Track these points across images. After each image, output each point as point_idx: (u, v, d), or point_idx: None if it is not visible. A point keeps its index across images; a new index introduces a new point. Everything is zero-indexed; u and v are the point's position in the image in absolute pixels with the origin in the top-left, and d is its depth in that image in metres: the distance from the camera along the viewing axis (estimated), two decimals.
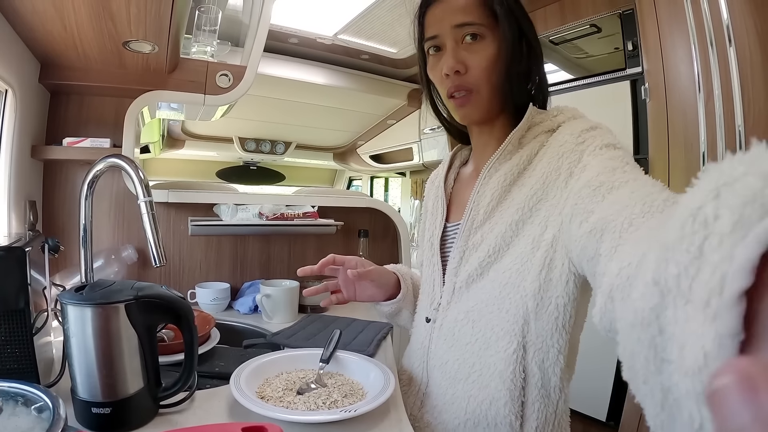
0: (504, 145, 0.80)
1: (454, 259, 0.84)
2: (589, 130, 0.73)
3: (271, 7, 1.61)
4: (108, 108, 1.52)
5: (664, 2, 1.56)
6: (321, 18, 2.51)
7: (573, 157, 0.71)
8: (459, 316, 0.81)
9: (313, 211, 1.76)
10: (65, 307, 0.70)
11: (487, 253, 0.78)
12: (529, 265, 0.72)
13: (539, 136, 0.80)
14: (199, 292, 1.51)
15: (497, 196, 0.79)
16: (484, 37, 0.80)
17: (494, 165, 0.81)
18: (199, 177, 4.41)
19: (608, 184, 0.59)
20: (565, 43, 2.15)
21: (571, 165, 0.71)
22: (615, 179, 0.59)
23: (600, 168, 0.63)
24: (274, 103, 3.42)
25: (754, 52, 1.29)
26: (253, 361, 0.92)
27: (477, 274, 0.80)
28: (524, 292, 0.72)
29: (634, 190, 0.55)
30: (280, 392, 0.83)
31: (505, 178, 0.79)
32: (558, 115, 0.81)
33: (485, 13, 0.80)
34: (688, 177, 1.51)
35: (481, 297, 0.79)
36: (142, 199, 0.94)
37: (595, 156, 0.67)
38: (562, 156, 0.73)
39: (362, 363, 0.95)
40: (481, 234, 0.80)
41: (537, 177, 0.75)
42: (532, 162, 0.79)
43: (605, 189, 0.59)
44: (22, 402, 0.62)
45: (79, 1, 1.01)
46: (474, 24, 0.80)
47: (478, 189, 0.82)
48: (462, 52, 0.81)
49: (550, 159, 0.75)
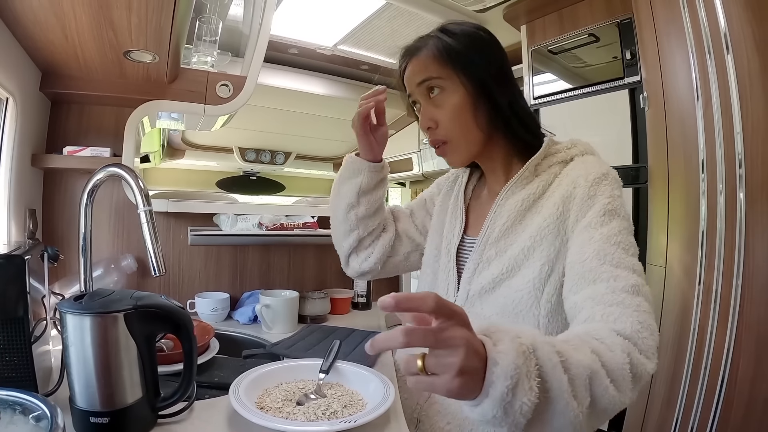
0: (521, 172, 0.89)
1: (469, 270, 0.91)
2: (601, 179, 0.81)
3: (271, 17, 1.62)
4: (108, 117, 1.52)
5: (661, 11, 1.57)
6: (321, 29, 2.53)
7: (583, 206, 0.80)
8: (476, 321, 0.83)
9: (313, 221, 1.76)
10: (64, 316, 0.69)
11: (500, 270, 0.85)
12: (541, 289, 0.81)
13: (554, 166, 0.89)
14: (199, 302, 1.50)
15: (512, 218, 0.87)
16: (445, 89, 0.89)
17: (511, 189, 0.90)
18: (199, 187, 4.40)
19: (593, 275, 0.73)
20: (563, 53, 2.16)
21: (578, 214, 0.81)
22: (601, 272, 0.72)
23: (596, 249, 0.75)
24: (274, 114, 3.43)
25: (752, 60, 1.29)
26: (253, 372, 0.92)
27: (490, 287, 0.87)
28: (537, 311, 0.82)
29: (605, 293, 0.70)
30: (279, 403, 0.82)
31: (521, 203, 0.87)
32: (572, 148, 0.90)
33: (441, 64, 0.89)
34: (687, 184, 1.51)
35: (496, 308, 0.86)
36: (142, 209, 0.94)
37: (595, 228, 0.77)
38: (574, 199, 0.82)
39: (362, 373, 0.95)
40: (495, 251, 0.88)
41: (551, 210, 0.83)
42: (546, 192, 0.87)
43: (590, 278, 0.73)
44: (20, 411, 0.61)
45: (81, 11, 1.01)
46: (431, 78, 0.90)
47: (495, 209, 0.90)
48: (431, 107, 0.91)
49: (563, 195, 0.83)
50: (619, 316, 0.66)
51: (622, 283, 0.71)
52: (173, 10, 1.04)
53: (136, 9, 1.02)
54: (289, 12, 2.29)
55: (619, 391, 0.59)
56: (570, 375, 0.54)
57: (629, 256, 0.75)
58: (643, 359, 0.63)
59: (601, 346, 0.61)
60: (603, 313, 0.67)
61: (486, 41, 0.93)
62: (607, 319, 0.66)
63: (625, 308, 0.67)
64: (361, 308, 1.78)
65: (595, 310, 0.69)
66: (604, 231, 0.76)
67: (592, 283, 0.72)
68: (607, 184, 0.81)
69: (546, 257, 0.81)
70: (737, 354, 1.34)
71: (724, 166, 1.37)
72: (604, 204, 0.79)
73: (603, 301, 0.69)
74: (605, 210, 0.78)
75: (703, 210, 1.44)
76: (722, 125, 1.37)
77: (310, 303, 1.56)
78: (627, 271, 0.73)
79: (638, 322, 0.66)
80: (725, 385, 1.36)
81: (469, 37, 0.91)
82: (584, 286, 0.73)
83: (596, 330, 0.65)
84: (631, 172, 1.85)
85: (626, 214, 0.81)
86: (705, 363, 1.41)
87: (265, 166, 4.27)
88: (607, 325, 0.65)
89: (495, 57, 0.92)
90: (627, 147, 1.87)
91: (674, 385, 1.51)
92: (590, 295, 0.71)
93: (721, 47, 1.35)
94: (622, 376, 0.60)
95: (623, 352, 0.61)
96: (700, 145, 1.44)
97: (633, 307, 0.68)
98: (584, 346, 0.60)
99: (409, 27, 2.47)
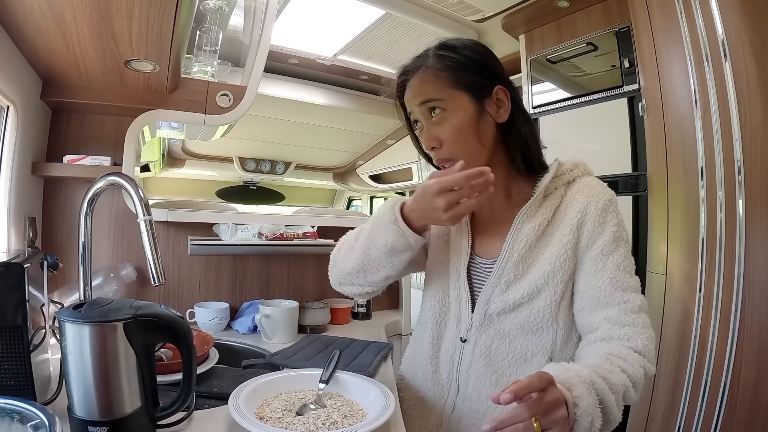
0: (534, 197, 0.91)
1: (487, 291, 0.92)
2: (608, 206, 0.88)
3: (271, 28, 1.63)
4: (109, 126, 1.53)
5: (659, 19, 1.58)
6: (321, 39, 2.54)
7: (594, 233, 0.87)
8: (496, 336, 0.91)
9: (313, 231, 1.76)
10: (63, 325, 0.69)
11: (521, 294, 0.88)
12: (559, 307, 0.88)
13: (559, 188, 0.93)
14: (198, 312, 1.49)
15: (529, 243, 0.90)
16: (446, 109, 0.89)
17: (526, 213, 0.91)
18: (199, 196, 4.41)
19: (606, 300, 0.85)
20: (562, 62, 2.17)
21: (589, 240, 0.87)
22: (613, 297, 0.84)
23: (609, 277, 0.85)
24: (274, 123, 3.44)
25: (749, 66, 1.30)
26: (252, 382, 0.91)
27: (509, 309, 0.90)
28: (555, 327, 0.88)
29: (619, 316, 0.83)
30: (279, 413, 0.82)
31: (537, 228, 0.90)
32: (574, 170, 0.94)
33: (442, 85, 0.90)
34: (686, 192, 1.51)
35: (516, 325, 0.89)
36: (142, 218, 0.94)
37: (607, 256, 0.86)
38: (585, 225, 0.88)
39: (362, 383, 0.94)
40: (513, 275, 0.90)
41: (567, 237, 0.88)
42: (555, 215, 0.91)
43: (604, 302, 0.85)
44: (18, 419, 0.61)
45: (82, 21, 1.02)
46: (432, 100, 0.90)
47: (513, 234, 0.91)
48: (434, 127, 0.91)
49: (576, 223, 0.88)
50: (633, 336, 0.81)
51: (631, 305, 0.84)
52: (174, 20, 1.05)
53: (137, 19, 1.03)
54: (289, 22, 2.30)
55: (638, 393, 0.77)
56: (615, 394, 0.70)
57: (632, 277, 0.87)
58: (650, 366, 0.80)
59: (626, 365, 0.76)
60: (620, 334, 0.81)
61: (485, 58, 0.93)
62: (623, 338, 0.81)
63: (636, 328, 0.82)
64: (361, 318, 1.77)
65: (612, 330, 0.82)
66: (614, 259, 0.86)
67: (607, 306, 0.84)
68: (613, 210, 0.89)
69: (565, 281, 0.88)
70: (739, 360, 1.33)
71: (724, 173, 1.37)
72: (613, 232, 0.87)
73: (618, 323, 0.82)
74: (614, 237, 0.87)
75: (703, 217, 1.44)
76: (721, 132, 1.37)
77: (310, 313, 1.56)
78: (634, 294, 0.85)
79: (647, 338, 0.82)
80: (727, 391, 1.35)
81: (468, 56, 0.91)
82: (600, 308, 0.85)
83: (618, 351, 0.79)
84: (630, 180, 1.86)
85: (628, 237, 0.91)
86: (707, 369, 1.40)
87: (265, 175, 4.28)
88: (624, 344, 0.80)
89: (495, 74, 0.92)
90: (626, 155, 1.88)
91: (676, 391, 1.50)
92: (606, 317, 0.84)
93: (719, 55, 1.35)
94: (640, 383, 0.78)
95: (640, 366, 0.78)
96: (699, 153, 1.44)
97: (641, 326, 0.83)
98: (616, 368, 0.75)
99: (408, 37, 2.48)
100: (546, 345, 0.88)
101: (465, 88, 0.89)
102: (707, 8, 1.38)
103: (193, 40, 1.68)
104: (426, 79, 0.91)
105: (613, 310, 0.84)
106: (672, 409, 1.51)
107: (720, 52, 1.35)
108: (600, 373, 0.71)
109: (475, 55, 0.92)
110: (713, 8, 1.36)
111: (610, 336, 0.82)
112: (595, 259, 0.86)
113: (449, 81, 0.89)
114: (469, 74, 0.90)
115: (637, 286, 0.87)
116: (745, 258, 1.33)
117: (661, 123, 1.62)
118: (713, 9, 1.36)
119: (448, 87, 0.89)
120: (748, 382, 1.31)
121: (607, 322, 0.83)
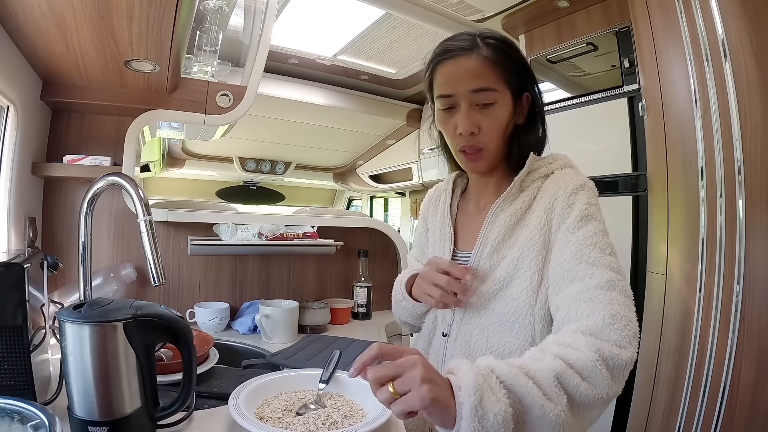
0: (509, 189, 0.92)
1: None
2: (578, 189, 0.86)
3: (271, 28, 1.63)
4: (109, 126, 1.53)
5: (659, 19, 1.58)
6: (321, 39, 2.54)
7: (563, 214, 0.85)
8: (474, 331, 0.91)
9: (313, 231, 1.76)
10: (63, 325, 0.69)
11: (494, 282, 0.88)
12: (535, 297, 0.84)
13: (536, 181, 0.92)
14: (198, 312, 1.49)
15: (503, 233, 0.90)
16: (497, 101, 0.89)
17: (500, 205, 0.92)
18: (199, 196, 4.41)
19: (571, 275, 0.77)
20: (562, 62, 2.17)
21: (559, 222, 0.85)
22: (577, 272, 0.77)
23: (573, 250, 0.79)
24: (274, 124, 3.44)
25: (749, 66, 1.30)
26: (252, 382, 0.91)
27: (486, 299, 0.89)
28: (532, 318, 0.84)
29: (580, 291, 0.74)
30: (279, 413, 0.82)
31: (510, 218, 0.90)
32: (552, 163, 0.94)
33: (498, 77, 0.89)
34: (686, 192, 1.51)
35: (494, 318, 0.88)
36: (142, 218, 0.94)
37: (572, 232, 0.82)
38: (555, 209, 0.86)
39: (363, 384, 0.93)
40: (489, 265, 0.90)
41: (536, 222, 0.87)
42: (531, 206, 0.90)
43: (569, 278, 0.78)
44: (18, 419, 0.61)
45: (82, 21, 1.02)
46: (489, 90, 0.88)
47: (486, 226, 0.92)
48: (476, 114, 0.89)
49: (545, 207, 0.87)
50: (591, 311, 0.70)
51: (596, 280, 0.74)
52: (174, 21, 1.05)
53: (137, 19, 1.03)
54: (289, 22, 2.31)
55: (593, 385, 0.63)
56: (535, 380, 0.60)
57: (606, 255, 0.79)
58: (615, 350, 0.66)
59: (566, 349, 0.66)
60: (577, 310, 0.72)
61: (526, 63, 0.94)
62: (579, 316, 0.71)
63: (597, 303, 0.71)
64: (361, 318, 1.77)
65: (570, 308, 0.73)
66: (580, 234, 0.81)
67: (570, 283, 0.77)
68: (584, 193, 0.86)
69: (535, 266, 0.85)
70: (739, 360, 1.33)
71: (724, 173, 1.37)
72: (581, 210, 0.83)
73: (577, 299, 0.73)
74: (582, 215, 0.83)
75: (703, 217, 1.44)
76: (721, 132, 1.37)
77: (310, 313, 1.56)
78: (602, 269, 0.76)
79: (610, 315, 0.69)
80: (727, 391, 1.35)
81: (519, 58, 0.93)
82: (563, 286, 0.78)
83: (561, 338, 0.69)
84: (630, 180, 1.86)
85: (602, 219, 0.85)
86: (707, 369, 1.40)
87: (265, 175, 4.29)
88: (575, 326, 0.70)
89: (531, 80, 0.94)
90: (626, 155, 1.88)
91: (676, 392, 1.50)
92: (568, 294, 0.76)
93: (719, 54, 1.35)
94: (593, 371, 0.64)
95: (590, 349, 0.65)
96: (699, 152, 1.44)
97: (605, 302, 0.71)
98: (545, 355, 0.65)
99: (408, 37, 2.49)
100: (524, 342, 0.84)
101: (511, 87, 0.90)
102: (707, 8, 1.38)
103: (193, 40, 1.68)
104: (484, 65, 0.88)
105: (576, 285, 0.76)
106: (672, 409, 1.51)
107: (720, 52, 1.35)
108: (513, 361, 0.63)
109: (521, 57, 0.93)
110: (713, 8, 1.36)
111: (567, 316, 0.73)
112: (562, 237, 0.83)
113: (503, 75, 0.89)
114: (516, 74, 0.91)
115: (611, 264, 0.78)
116: (745, 258, 1.33)
117: (661, 123, 1.62)
118: (713, 9, 1.36)
119: (501, 80, 0.89)
120: (748, 382, 1.31)
121: (568, 300, 0.75)
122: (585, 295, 0.73)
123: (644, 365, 1.62)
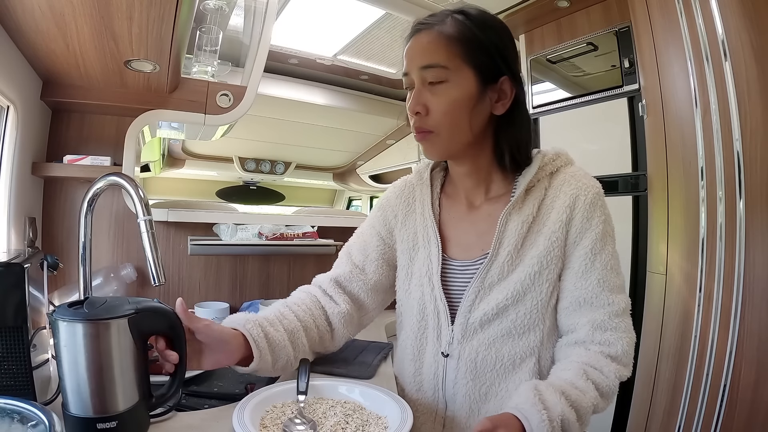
0: (519, 193, 0.86)
1: (468, 299, 0.86)
2: (595, 200, 0.84)
3: (271, 28, 1.63)
4: (109, 126, 1.53)
5: (659, 19, 1.58)
6: (321, 39, 2.54)
7: (581, 230, 0.84)
8: (480, 348, 0.86)
9: (313, 231, 1.76)
10: (57, 323, 0.68)
11: (504, 296, 0.84)
12: (546, 308, 0.85)
13: (542, 180, 0.87)
14: (198, 312, 1.49)
15: (514, 243, 0.84)
16: (448, 80, 0.82)
17: (510, 209, 0.86)
18: (199, 196, 4.41)
19: (592, 300, 0.83)
20: (562, 62, 2.17)
21: (576, 237, 0.84)
22: (601, 298, 0.83)
23: (597, 277, 0.83)
24: (274, 123, 3.44)
25: (749, 66, 1.30)
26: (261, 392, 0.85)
27: (493, 314, 0.84)
28: (542, 326, 0.84)
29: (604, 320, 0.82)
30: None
31: (521, 226, 0.85)
32: (556, 160, 0.89)
33: (451, 53, 0.81)
34: (686, 192, 1.51)
35: (501, 331, 0.85)
36: (142, 218, 0.94)
37: (595, 256, 0.83)
38: (573, 220, 0.84)
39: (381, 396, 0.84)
40: (498, 276, 0.85)
41: (556, 234, 0.84)
42: (541, 210, 0.86)
43: (590, 302, 0.83)
44: (18, 419, 0.60)
45: (82, 21, 1.02)
46: (437, 66, 0.81)
47: (498, 236, 0.85)
48: (426, 93, 0.83)
49: (564, 219, 0.84)
50: (614, 341, 0.81)
51: (616, 308, 0.83)
52: (174, 21, 1.05)
53: (137, 19, 1.03)
54: (289, 22, 2.30)
55: (606, 401, 0.79)
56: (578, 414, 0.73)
57: (618, 276, 0.85)
58: (625, 372, 0.81)
59: (601, 378, 0.78)
60: (601, 339, 0.81)
61: (505, 43, 0.86)
62: (603, 343, 0.81)
63: (618, 333, 0.82)
64: None
65: (594, 335, 0.82)
66: (602, 258, 0.83)
67: (592, 308, 0.83)
68: (600, 204, 0.85)
69: (552, 280, 0.84)
70: (739, 360, 1.33)
71: (724, 173, 1.37)
72: (602, 228, 0.84)
73: (601, 327, 0.82)
74: (602, 234, 0.84)
75: (703, 217, 1.44)
76: (721, 132, 1.37)
77: None
78: (620, 296, 0.84)
79: (627, 343, 0.82)
80: (727, 391, 1.35)
81: (489, 35, 0.83)
82: (585, 309, 0.83)
83: (595, 361, 0.79)
84: (630, 180, 1.86)
85: (613, 232, 0.87)
86: (707, 370, 1.40)
87: (265, 175, 4.28)
88: (604, 350, 0.81)
89: (507, 63, 0.85)
90: (626, 155, 1.88)
91: (676, 392, 1.50)
92: (590, 320, 0.82)
93: (719, 55, 1.35)
94: (612, 392, 0.80)
95: (615, 376, 0.79)
96: (699, 152, 1.44)
97: (623, 329, 0.83)
98: (590, 386, 0.76)
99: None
100: (533, 346, 0.84)
101: (474, 66, 0.82)
102: (707, 8, 1.38)
103: (193, 40, 1.68)
104: (436, 41, 0.82)
105: (599, 312, 0.82)
106: (672, 409, 1.51)
107: (720, 52, 1.35)
108: (570, 398, 0.73)
109: (494, 37, 0.84)
110: (713, 8, 1.36)
111: (591, 340, 0.82)
112: (584, 259, 0.83)
113: (461, 52, 0.81)
114: (483, 53, 0.82)
115: (622, 285, 0.86)
116: (745, 258, 1.33)
117: (661, 123, 1.62)
118: (713, 9, 1.36)
119: (457, 57, 0.81)
120: (748, 382, 1.31)
121: (591, 325, 0.82)
122: (608, 323, 0.82)
123: (644, 365, 1.62)
